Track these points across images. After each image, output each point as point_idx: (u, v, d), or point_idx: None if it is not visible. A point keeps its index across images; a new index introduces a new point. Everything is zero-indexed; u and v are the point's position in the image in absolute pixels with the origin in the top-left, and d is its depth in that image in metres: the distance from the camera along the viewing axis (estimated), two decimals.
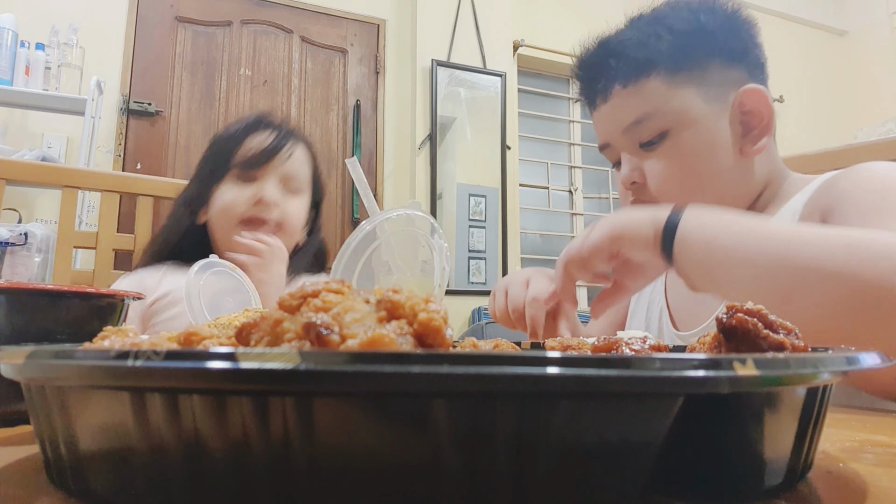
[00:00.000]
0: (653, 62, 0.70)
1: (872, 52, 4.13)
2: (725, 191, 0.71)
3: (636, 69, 0.70)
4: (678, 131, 0.70)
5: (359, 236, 0.57)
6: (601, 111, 0.75)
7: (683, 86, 0.70)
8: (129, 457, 0.20)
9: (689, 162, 0.70)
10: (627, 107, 0.71)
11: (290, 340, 0.21)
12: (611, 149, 0.77)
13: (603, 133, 0.76)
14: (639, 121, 0.71)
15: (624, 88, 0.71)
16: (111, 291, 0.42)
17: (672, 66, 0.70)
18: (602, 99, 0.74)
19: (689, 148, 0.70)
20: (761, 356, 0.19)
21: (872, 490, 0.24)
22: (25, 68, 2.39)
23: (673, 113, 0.69)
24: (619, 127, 0.73)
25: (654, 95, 0.70)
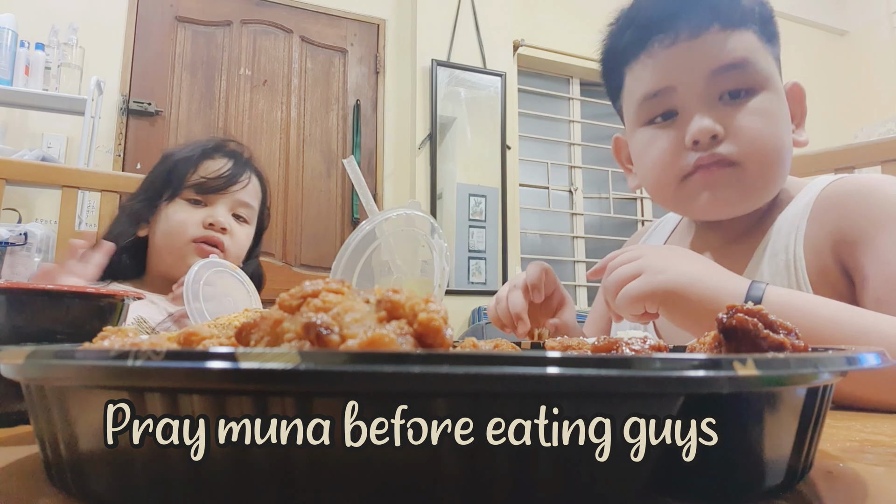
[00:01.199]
0: (752, 17, 0.67)
1: (872, 52, 4.13)
2: (786, 170, 0.69)
3: (741, 16, 0.67)
4: (768, 93, 0.67)
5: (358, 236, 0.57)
6: (681, 48, 0.67)
7: (769, 53, 0.68)
8: (129, 457, 0.20)
9: (775, 125, 0.66)
10: (726, 48, 0.66)
11: (290, 340, 0.21)
12: (673, 95, 0.68)
13: (674, 73, 0.68)
14: (736, 65, 0.65)
15: (723, 30, 0.66)
16: (111, 291, 0.42)
17: (762, 30, 0.68)
18: (690, 34, 0.66)
19: (774, 112, 0.67)
20: (761, 356, 0.19)
21: (872, 490, 0.24)
22: (25, 68, 2.39)
23: (765, 71, 0.67)
24: (709, 67, 0.66)
25: (755, 47, 0.67)
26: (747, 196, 0.68)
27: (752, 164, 0.66)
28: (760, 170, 0.66)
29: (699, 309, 0.54)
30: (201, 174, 1.03)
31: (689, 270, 0.55)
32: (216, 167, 1.04)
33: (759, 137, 0.65)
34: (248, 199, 1.07)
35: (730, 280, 0.55)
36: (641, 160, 0.75)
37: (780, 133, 0.67)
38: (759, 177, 0.67)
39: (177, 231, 1.00)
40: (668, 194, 0.72)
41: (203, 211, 1.02)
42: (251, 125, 2.94)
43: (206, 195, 1.03)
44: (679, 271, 0.55)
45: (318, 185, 3.04)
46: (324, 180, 3.05)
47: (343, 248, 0.57)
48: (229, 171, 1.04)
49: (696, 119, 0.66)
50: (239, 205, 1.06)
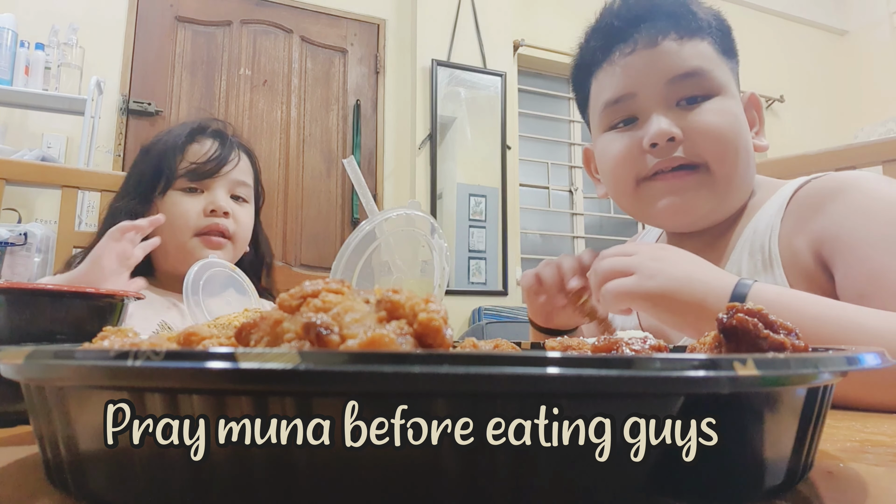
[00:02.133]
0: (708, 28, 0.70)
1: (872, 52, 4.13)
2: (749, 173, 0.72)
3: (694, 28, 0.70)
4: (723, 97, 0.69)
5: (358, 236, 0.57)
6: (640, 56, 0.70)
7: (726, 65, 0.71)
8: (129, 457, 0.20)
9: (732, 124, 0.69)
10: (682, 57, 0.69)
11: (290, 340, 0.21)
12: (633, 101, 0.71)
13: (634, 80, 0.70)
14: (691, 74, 0.68)
15: (679, 39, 0.69)
16: (111, 291, 0.42)
17: (719, 43, 0.71)
18: (648, 42, 0.69)
19: (731, 112, 0.69)
20: (761, 356, 0.19)
21: (872, 490, 0.24)
22: (25, 68, 2.39)
23: (719, 79, 0.69)
24: (666, 76, 0.69)
25: (709, 56, 0.70)
26: (712, 197, 0.69)
27: (714, 162, 0.68)
28: (723, 168, 0.68)
29: (688, 311, 0.55)
30: (190, 160, 0.99)
31: (679, 273, 0.56)
32: (204, 150, 1.00)
33: (718, 133, 0.67)
34: (243, 177, 1.04)
35: (719, 280, 0.55)
36: (602, 165, 0.77)
37: (736, 131, 0.69)
38: (723, 175, 0.68)
39: (179, 225, 0.96)
40: (626, 197, 0.74)
41: (202, 198, 0.99)
42: (251, 125, 2.94)
43: (201, 181, 0.99)
44: (669, 275, 0.56)
45: (318, 185, 3.04)
46: (324, 180, 3.05)
47: (343, 248, 0.57)
48: (218, 153, 1.00)
49: (654, 121, 0.68)
50: (236, 185, 1.02)
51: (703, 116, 0.68)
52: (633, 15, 0.72)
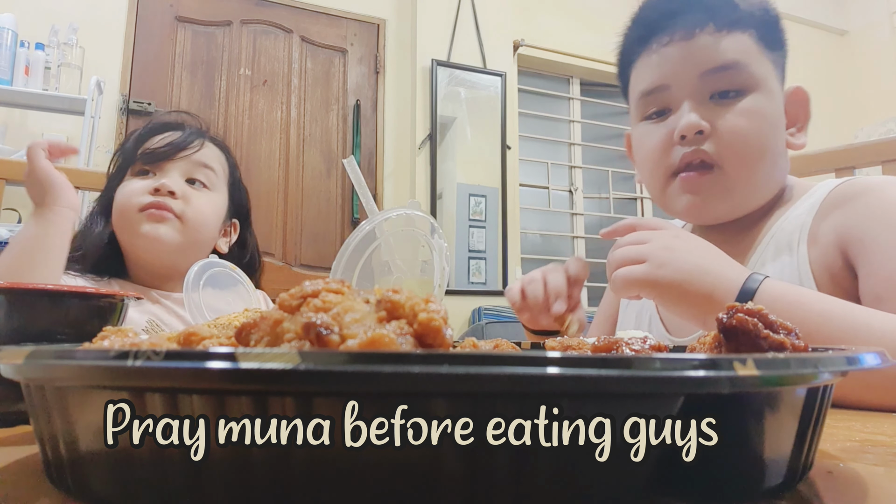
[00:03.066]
0: (750, 20, 0.69)
1: (872, 52, 4.13)
2: (775, 173, 0.71)
3: (737, 18, 0.68)
4: (758, 94, 0.68)
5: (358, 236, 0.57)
6: (674, 49, 0.70)
7: (766, 56, 0.70)
8: (129, 457, 0.20)
9: (761, 127, 0.68)
10: (718, 50, 0.68)
11: (290, 340, 0.21)
12: (667, 93, 0.71)
13: (668, 72, 0.70)
14: (727, 67, 0.67)
15: (717, 31, 0.68)
16: (111, 292, 0.42)
17: (762, 35, 0.70)
18: (685, 34, 0.69)
19: (763, 114, 0.68)
20: (761, 356, 0.19)
21: (872, 490, 0.24)
22: (25, 68, 2.39)
23: (758, 74, 0.68)
24: (700, 68, 0.68)
25: (748, 50, 0.68)
26: (726, 197, 0.70)
27: (730, 165, 0.68)
28: (739, 171, 0.68)
29: (696, 302, 0.55)
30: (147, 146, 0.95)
31: (690, 263, 0.56)
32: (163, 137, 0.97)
33: (740, 137, 0.67)
34: (202, 161, 0.98)
35: (731, 271, 0.55)
36: (638, 154, 0.78)
37: (764, 134, 0.68)
38: (739, 178, 0.69)
39: (125, 205, 0.92)
40: (656, 190, 0.75)
41: (150, 180, 0.94)
42: (251, 125, 2.94)
43: (154, 164, 0.94)
44: (680, 264, 0.56)
45: (318, 185, 3.04)
46: (324, 180, 3.05)
47: (343, 248, 0.57)
48: (178, 139, 0.96)
49: (685, 114, 0.68)
50: (194, 167, 0.97)
51: (730, 118, 0.67)
52: (672, 6, 0.71)
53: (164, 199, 0.92)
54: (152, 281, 0.97)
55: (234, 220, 1.07)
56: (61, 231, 0.82)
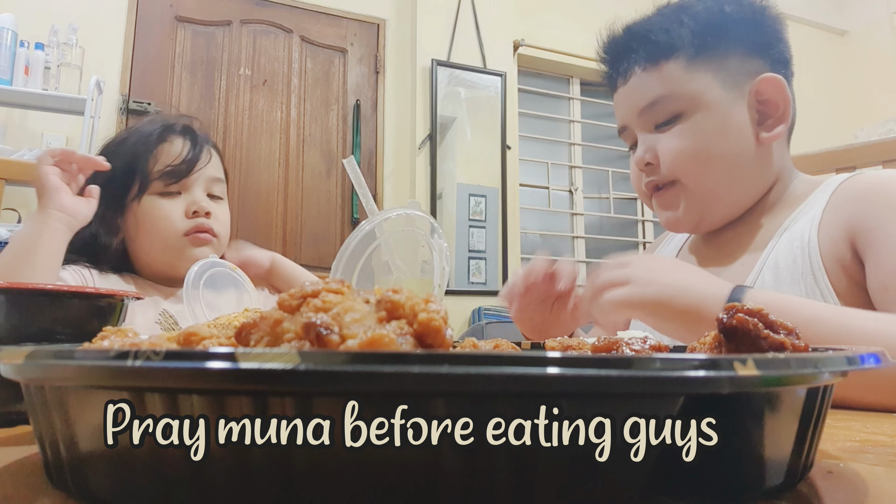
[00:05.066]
0: (674, 46, 0.72)
1: (872, 52, 4.13)
2: (741, 175, 0.73)
3: (656, 52, 0.73)
4: (692, 113, 0.72)
5: (358, 236, 0.57)
6: (620, 93, 0.78)
7: (701, 71, 0.72)
8: (129, 457, 0.20)
9: (700, 141, 0.71)
10: (645, 88, 0.74)
11: (290, 340, 0.21)
12: (628, 131, 0.79)
13: (621, 115, 0.79)
14: (654, 102, 0.73)
15: (643, 71, 0.74)
16: (111, 291, 0.42)
17: (692, 52, 0.72)
18: (622, 81, 0.77)
19: (701, 129, 0.71)
20: (762, 356, 0.19)
21: (872, 490, 0.24)
22: (25, 68, 2.39)
23: (688, 95, 0.72)
24: (636, 108, 0.75)
25: (672, 78, 0.72)
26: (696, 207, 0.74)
27: (685, 178, 0.73)
28: (696, 181, 0.73)
29: (684, 317, 0.56)
30: (164, 161, 0.96)
31: (674, 280, 0.58)
32: (176, 150, 0.98)
33: (677, 157, 0.72)
34: (217, 173, 1.03)
35: (714, 286, 0.57)
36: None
37: (706, 148, 0.71)
38: (697, 188, 0.73)
39: (165, 229, 0.95)
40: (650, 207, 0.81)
41: (180, 200, 0.97)
42: (251, 125, 2.94)
43: (177, 181, 0.97)
44: (665, 282, 0.58)
45: (318, 185, 3.03)
46: (324, 180, 3.05)
47: (343, 248, 0.57)
48: (191, 153, 0.98)
49: (638, 148, 0.76)
50: (212, 183, 1.01)
51: (666, 142, 0.73)
52: (612, 54, 0.79)
53: (203, 221, 0.97)
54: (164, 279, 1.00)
55: None
56: (51, 233, 0.83)
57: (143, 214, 0.96)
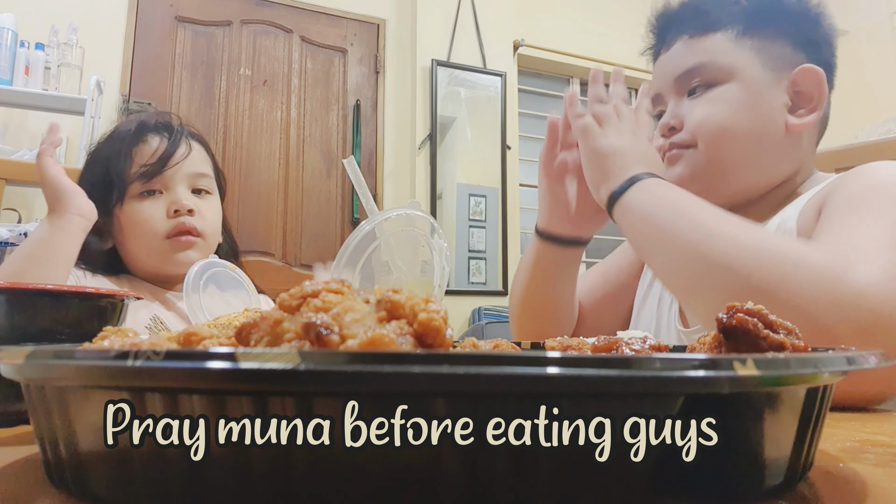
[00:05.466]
0: (723, 20, 0.74)
1: (873, 51, 4.13)
2: (761, 157, 0.73)
3: (706, 23, 0.74)
4: (730, 84, 0.72)
5: (358, 236, 0.57)
6: (660, 60, 0.79)
7: (745, 48, 0.73)
8: (129, 457, 0.20)
9: (729, 110, 0.71)
10: (686, 55, 0.75)
11: (290, 340, 0.21)
12: (660, 100, 0.79)
13: (657, 82, 0.79)
14: (693, 69, 0.74)
15: (689, 38, 0.75)
16: (111, 291, 0.42)
17: (741, 28, 0.73)
18: (665, 48, 0.78)
19: (733, 100, 0.72)
20: (761, 356, 0.19)
21: (872, 490, 0.24)
22: (25, 68, 2.39)
23: (727, 67, 0.72)
24: (673, 74, 0.76)
25: (715, 49, 0.73)
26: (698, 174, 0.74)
27: (703, 144, 0.73)
28: (710, 149, 0.72)
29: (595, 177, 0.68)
30: (139, 163, 0.94)
31: (614, 144, 0.67)
32: (151, 149, 0.95)
33: (704, 121, 0.72)
34: (200, 168, 0.99)
35: (623, 170, 0.65)
36: None
37: (734, 117, 0.71)
38: (709, 156, 0.73)
39: (147, 232, 0.93)
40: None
41: (161, 200, 0.94)
42: (251, 125, 2.94)
43: (153, 180, 0.94)
44: (610, 142, 0.67)
45: (318, 185, 3.04)
46: (324, 180, 3.05)
47: (343, 248, 0.57)
48: (166, 147, 0.95)
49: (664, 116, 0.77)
50: (195, 178, 0.98)
51: (696, 108, 0.73)
52: (663, 23, 0.80)
53: (185, 220, 0.94)
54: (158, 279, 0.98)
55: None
56: (69, 237, 0.82)
57: (126, 219, 0.94)
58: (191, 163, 0.98)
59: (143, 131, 0.97)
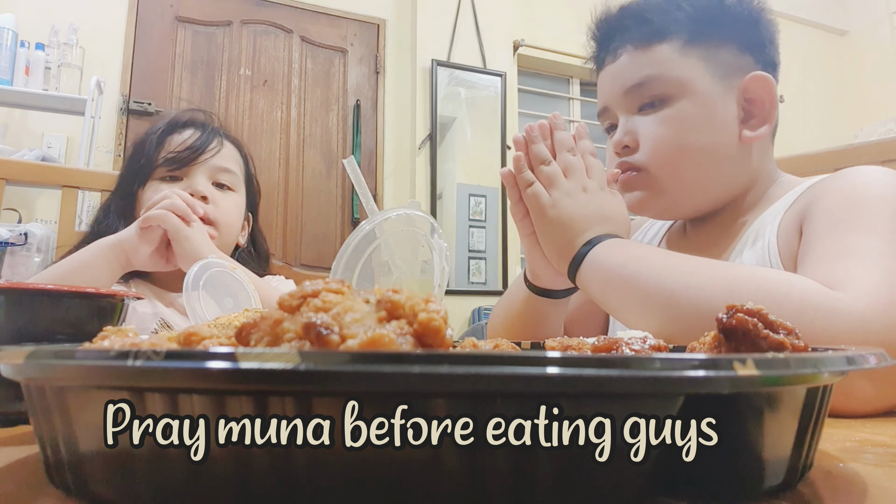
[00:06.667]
0: (668, 29, 0.71)
1: (872, 51, 4.13)
2: (718, 171, 0.72)
3: (651, 32, 0.72)
4: (678, 99, 0.70)
5: (358, 236, 0.57)
6: (607, 72, 0.76)
7: (693, 57, 0.71)
8: (129, 457, 0.20)
9: (683, 130, 0.70)
10: (634, 67, 0.72)
11: (290, 340, 0.21)
12: (608, 113, 0.77)
13: (604, 94, 0.76)
14: (643, 82, 0.71)
15: (635, 49, 0.72)
16: (111, 291, 0.42)
17: (686, 37, 0.71)
18: (611, 58, 0.75)
19: (687, 117, 0.70)
20: (761, 356, 0.19)
21: (872, 490, 0.24)
22: (25, 68, 2.39)
23: (677, 80, 0.70)
24: (622, 87, 0.73)
25: (663, 60, 0.71)
26: (657, 195, 0.72)
27: (654, 168, 0.71)
28: (664, 172, 0.71)
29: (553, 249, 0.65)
30: (168, 150, 0.97)
31: (568, 212, 0.64)
32: (183, 139, 0.98)
33: (657, 143, 0.70)
34: (225, 164, 1.00)
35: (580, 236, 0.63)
36: None
37: (684, 136, 0.70)
38: (666, 179, 0.71)
39: None
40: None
41: (180, 186, 0.96)
42: (251, 125, 2.94)
43: (178, 168, 0.96)
44: (566, 212, 0.64)
45: (318, 185, 3.04)
46: (324, 180, 3.05)
47: (343, 248, 0.57)
48: (198, 140, 0.98)
49: (617, 131, 0.74)
50: (218, 171, 0.99)
51: (650, 128, 0.71)
52: (605, 31, 0.77)
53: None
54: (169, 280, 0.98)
55: (248, 214, 1.09)
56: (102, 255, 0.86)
57: (144, 200, 0.95)
58: (219, 158, 1.00)
59: (179, 124, 1.00)
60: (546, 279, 0.73)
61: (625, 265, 0.58)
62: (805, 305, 0.47)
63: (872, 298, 0.46)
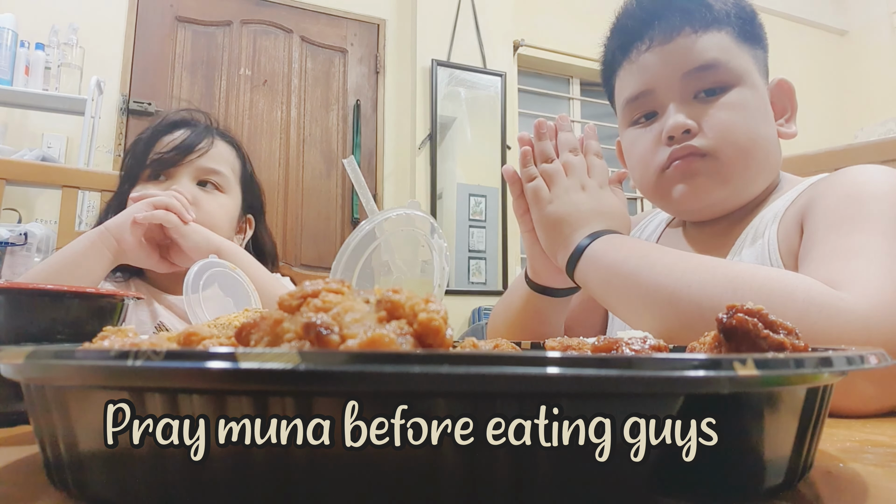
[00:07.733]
0: (725, 19, 0.71)
1: (872, 51, 4.13)
2: (768, 162, 0.72)
3: (713, 18, 0.70)
4: (742, 88, 0.70)
5: (358, 236, 0.57)
6: (655, 53, 0.71)
7: (746, 51, 0.71)
8: (129, 457, 0.20)
9: (753, 117, 0.69)
10: (698, 49, 0.69)
11: (290, 340, 0.21)
12: (651, 97, 0.73)
13: (652, 76, 0.72)
14: (707, 66, 0.69)
15: (694, 32, 0.70)
16: (111, 291, 0.42)
17: (740, 31, 0.71)
18: (663, 39, 0.71)
19: (750, 105, 0.69)
20: (761, 356, 0.19)
21: (872, 490, 0.24)
22: (25, 68, 2.39)
23: (741, 68, 0.70)
24: (682, 69, 0.70)
25: (726, 47, 0.70)
26: (723, 183, 0.70)
27: (724, 153, 0.69)
28: (733, 157, 0.69)
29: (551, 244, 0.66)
30: (157, 150, 0.95)
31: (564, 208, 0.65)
32: (172, 139, 0.96)
33: (729, 128, 0.68)
34: (212, 164, 0.98)
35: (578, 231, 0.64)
36: (628, 159, 0.79)
37: (753, 124, 0.69)
38: (733, 164, 0.69)
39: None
40: (649, 189, 0.76)
41: (163, 186, 0.94)
42: (251, 125, 2.94)
43: (164, 169, 0.95)
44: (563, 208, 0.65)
45: (318, 185, 3.04)
46: (324, 180, 3.05)
47: (343, 248, 0.57)
48: (185, 141, 0.96)
49: (671, 115, 0.70)
50: (203, 172, 0.97)
51: (717, 113, 0.69)
52: (648, 13, 0.73)
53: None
54: (168, 283, 0.98)
55: (248, 216, 1.07)
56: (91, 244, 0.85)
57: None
58: (206, 159, 0.98)
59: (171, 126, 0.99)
60: (546, 276, 0.73)
61: (625, 262, 0.57)
62: (809, 305, 0.46)
63: (876, 298, 0.47)
